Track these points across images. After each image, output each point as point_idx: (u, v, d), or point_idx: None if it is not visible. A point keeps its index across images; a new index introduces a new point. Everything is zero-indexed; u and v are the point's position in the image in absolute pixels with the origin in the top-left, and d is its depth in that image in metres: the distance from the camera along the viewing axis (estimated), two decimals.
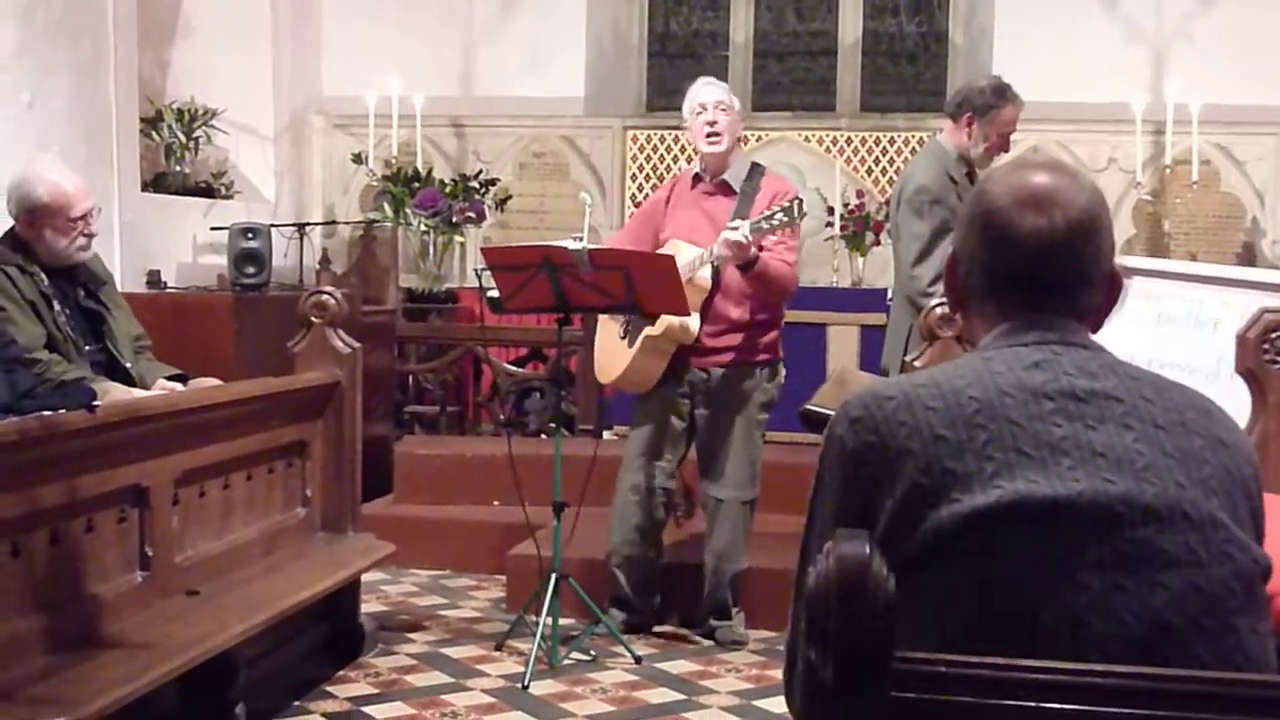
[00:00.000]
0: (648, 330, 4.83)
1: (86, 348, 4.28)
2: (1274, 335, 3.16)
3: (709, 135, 4.94)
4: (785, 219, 4.67)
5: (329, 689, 4.45)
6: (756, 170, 5.04)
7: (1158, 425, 1.58)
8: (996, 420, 1.56)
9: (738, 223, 4.69)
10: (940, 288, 4.55)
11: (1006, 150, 4.92)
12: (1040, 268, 1.67)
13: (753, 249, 4.67)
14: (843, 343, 6.60)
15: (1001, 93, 4.85)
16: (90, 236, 4.35)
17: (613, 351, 5.02)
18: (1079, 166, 7.19)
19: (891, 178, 7.85)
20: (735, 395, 4.95)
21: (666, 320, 4.77)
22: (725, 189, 4.99)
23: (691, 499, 5.58)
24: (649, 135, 8.47)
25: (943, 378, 1.63)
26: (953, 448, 1.55)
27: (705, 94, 5.01)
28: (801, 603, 1.48)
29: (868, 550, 1.28)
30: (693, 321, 4.81)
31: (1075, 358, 1.64)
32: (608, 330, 5.08)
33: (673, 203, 5.08)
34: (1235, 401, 3.22)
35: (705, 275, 4.80)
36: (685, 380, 4.94)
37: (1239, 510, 1.58)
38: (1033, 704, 1.29)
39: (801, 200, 4.73)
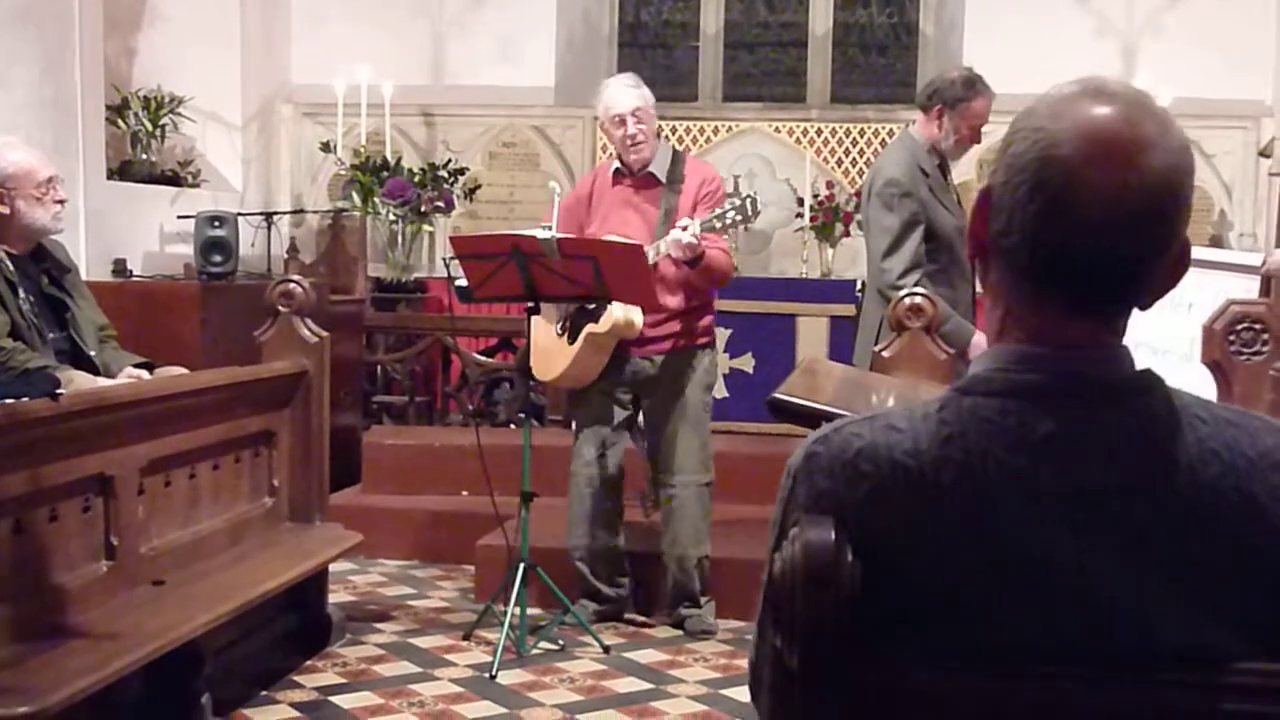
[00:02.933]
0: (591, 327, 4.81)
1: (50, 335, 4.23)
2: (1239, 327, 3.18)
3: (632, 146, 4.91)
4: (739, 218, 4.67)
5: (296, 679, 4.44)
6: (678, 158, 5.04)
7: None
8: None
9: (686, 221, 4.67)
10: (910, 279, 4.56)
11: (978, 142, 4.91)
12: (1105, 249, 1.30)
13: (701, 245, 4.68)
14: (812, 333, 6.62)
15: (972, 85, 4.84)
16: (60, 203, 4.31)
17: (552, 349, 4.96)
18: None
19: (862, 169, 7.86)
20: (681, 381, 4.97)
21: (612, 317, 4.76)
22: (651, 180, 4.98)
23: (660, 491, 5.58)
24: None
25: (928, 460, 1.33)
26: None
27: (621, 103, 4.92)
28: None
29: (834, 536, 1.27)
30: (637, 315, 4.80)
31: (1099, 424, 1.31)
32: (543, 328, 4.98)
33: (595, 201, 5.03)
34: (1210, 386, 3.25)
35: None
36: (626, 371, 4.96)
37: None
38: (1001, 685, 1.28)
39: (754, 198, 4.73)
